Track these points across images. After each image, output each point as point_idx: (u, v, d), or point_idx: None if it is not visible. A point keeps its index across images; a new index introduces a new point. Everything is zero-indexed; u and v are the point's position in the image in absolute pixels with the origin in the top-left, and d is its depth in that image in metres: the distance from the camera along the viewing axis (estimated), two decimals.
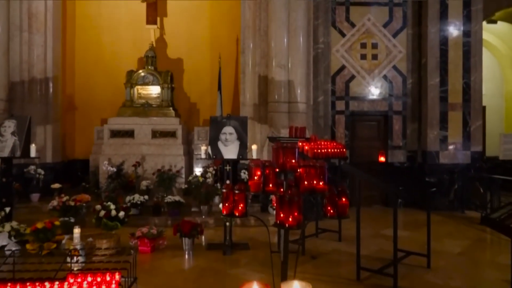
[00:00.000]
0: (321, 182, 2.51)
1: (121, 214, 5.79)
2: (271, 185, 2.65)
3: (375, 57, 9.53)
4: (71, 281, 3.41)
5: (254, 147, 5.94)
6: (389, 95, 9.56)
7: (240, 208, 2.66)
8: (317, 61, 9.13)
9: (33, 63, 8.96)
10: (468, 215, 8.44)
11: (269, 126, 8.55)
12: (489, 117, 12.80)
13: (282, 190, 2.69)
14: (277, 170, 2.68)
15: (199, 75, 11.10)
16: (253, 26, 8.92)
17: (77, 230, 4.74)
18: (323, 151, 5.24)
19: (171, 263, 5.15)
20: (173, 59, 11.13)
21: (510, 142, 10.49)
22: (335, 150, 5.46)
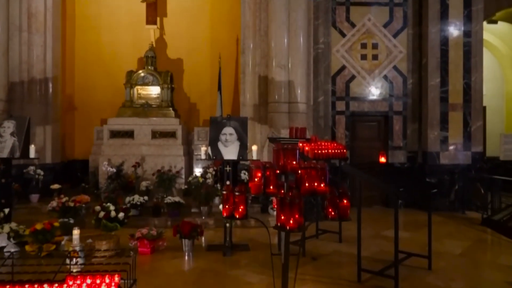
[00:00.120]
0: (322, 184, 2.49)
1: (121, 215, 5.78)
2: (271, 187, 2.63)
3: (375, 57, 9.51)
4: (70, 283, 3.38)
5: (254, 148, 5.92)
6: (390, 95, 9.54)
7: (240, 210, 2.64)
8: (317, 61, 9.11)
9: (33, 63, 8.93)
10: (468, 215, 8.42)
11: (269, 126, 8.53)
12: (489, 117, 12.79)
13: (282, 191, 2.67)
14: (278, 171, 2.66)
15: (199, 75, 11.08)
16: (253, 26, 8.90)
17: (76, 231, 4.73)
18: (323, 152, 5.22)
19: (171, 264, 5.13)
20: (173, 59, 11.10)
21: (510, 142, 10.47)
22: (336, 151, 5.44)
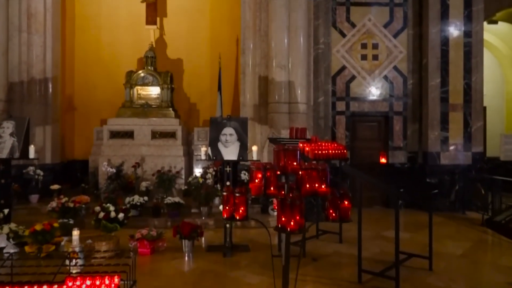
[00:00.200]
0: (323, 185, 2.47)
1: (121, 215, 5.76)
2: (272, 188, 2.61)
3: (375, 57, 9.49)
4: (70, 284, 3.37)
5: (254, 148, 5.91)
6: (390, 95, 9.53)
7: (241, 211, 2.62)
8: (317, 61, 9.10)
9: (32, 64, 8.91)
10: (469, 216, 8.41)
11: (270, 127, 8.51)
12: (489, 117, 12.78)
13: (283, 192, 2.65)
14: (278, 172, 2.64)
15: (199, 75, 11.07)
16: (253, 26, 8.88)
17: (76, 232, 4.71)
18: (324, 152, 5.21)
19: (170, 265, 5.11)
20: (173, 59, 11.09)
21: (510, 142, 10.48)
22: (336, 151, 5.42)
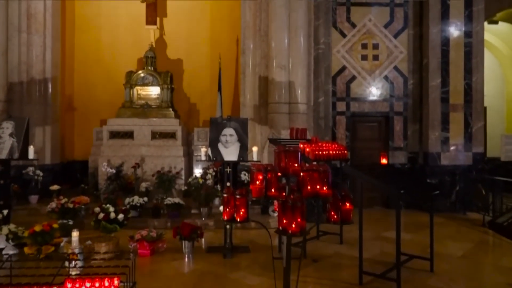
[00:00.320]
0: (324, 186, 2.45)
1: (120, 216, 5.74)
2: (273, 190, 2.59)
3: (376, 57, 9.47)
4: (69, 286, 3.35)
5: (254, 149, 5.89)
6: (390, 96, 9.51)
7: (241, 213, 2.60)
8: (317, 61, 9.07)
9: (32, 64, 8.89)
10: (469, 217, 8.38)
11: (270, 127, 8.49)
12: (490, 118, 12.75)
13: (284, 194, 2.63)
14: (279, 174, 2.62)
15: (199, 75, 11.04)
16: (253, 26, 8.86)
17: (75, 233, 4.69)
18: (324, 153, 5.18)
19: (170, 266, 5.09)
20: (173, 59, 11.07)
21: (511, 143, 10.44)
22: (337, 152, 5.40)
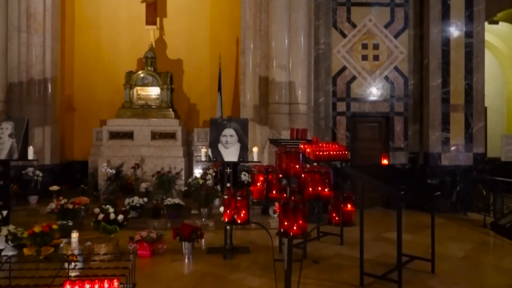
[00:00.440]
0: (326, 188, 2.43)
1: (120, 217, 5.73)
2: (274, 192, 2.57)
3: (376, 58, 9.45)
4: None
5: (255, 150, 5.87)
6: (391, 96, 9.49)
7: (242, 215, 2.57)
8: (318, 62, 9.05)
9: (32, 64, 8.88)
10: (470, 217, 8.36)
11: (270, 127, 8.47)
12: (490, 118, 12.73)
13: (285, 196, 2.60)
14: (281, 176, 2.59)
15: (199, 76, 11.02)
16: (253, 26, 8.84)
17: (75, 234, 4.66)
18: (325, 153, 5.16)
19: (170, 267, 5.07)
20: (173, 60, 11.05)
21: (511, 143, 10.42)
22: (337, 152, 5.39)
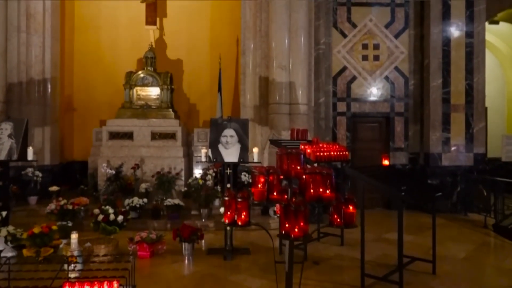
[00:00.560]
0: (327, 190, 2.40)
1: (120, 218, 5.71)
2: (275, 193, 2.54)
3: (376, 58, 9.43)
4: None
5: (255, 150, 5.85)
6: (391, 96, 9.47)
7: (243, 216, 2.55)
8: (318, 62, 9.03)
9: (31, 64, 8.86)
10: (471, 218, 8.34)
11: (270, 128, 8.45)
12: (491, 118, 12.70)
13: (286, 197, 2.58)
14: (282, 177, 2.57)
15: (199, 76, 11.00)
16: (253, 27, 8.82)
17: (74, 235, 4.63)
18: (325, 154, 5.14)
19: (170, 268, 5.04)
20: (173, 60, 11.02)
21: None
22: (338, 153, 5.36)
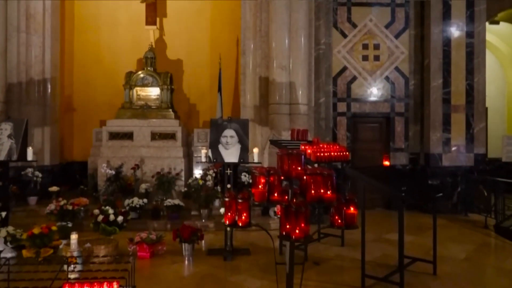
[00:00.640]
0: (329, 191, 2.39)
1: (120, 218, 5.69)
2: (276, 194, 2.53)
3: (377, 58, 9.41)
4: None
5: (255, 151, 5.84)
6: (391, 96, 9.45)
7: (243, 218, 2.53)
8: (318, 62, 9.01)
9: (31, 64, 8.84)
10: (471, 218, 8.33)
11: (270, 128, 8.43)
12: (491, 118, 12.67)
13: (286, 198, 2.57)
14: (282, 178, 2.56)
15: (199, 76, 10.98)
16: (253, 27, 8.81)
17: (74, 236, 4.63)
18: (326, 154, 5.13)
19: (170, 269, 5.03)
20: (173, 60, 11.00)
21: None
22: (338, 153, 5.36)
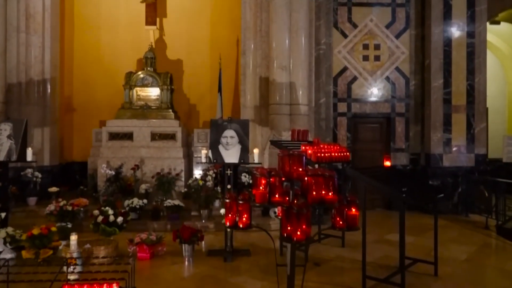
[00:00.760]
0: (330, 192, 2.37)
1: (120, 219, 5.67)
2: (277, 195, 2.51)
3: (377, 58, 9.40)
4: None
5: (256, 151, 5.82)
6: (392, 96, 9.43)
7: (244, 219, 2.52)
8: (318, 62, 9.00)
9: (31, 65, 8.81)
10: (472, 219, 8.30)
11: (270, 128, 8.41)
12: (491, 118, 12.66)
13: (287, 199, 2.55)
14: (283, 179, 2.54)
15: (199, 76, 10.96)
16: (254, 27, 8.79)
17: (74, 237, 4.61)
18: (326, 155, 5.11)
19: (170, 270, 5.01)
20: (173, 60, 10.99)
21: None
22: (339, 154, 5.34)
